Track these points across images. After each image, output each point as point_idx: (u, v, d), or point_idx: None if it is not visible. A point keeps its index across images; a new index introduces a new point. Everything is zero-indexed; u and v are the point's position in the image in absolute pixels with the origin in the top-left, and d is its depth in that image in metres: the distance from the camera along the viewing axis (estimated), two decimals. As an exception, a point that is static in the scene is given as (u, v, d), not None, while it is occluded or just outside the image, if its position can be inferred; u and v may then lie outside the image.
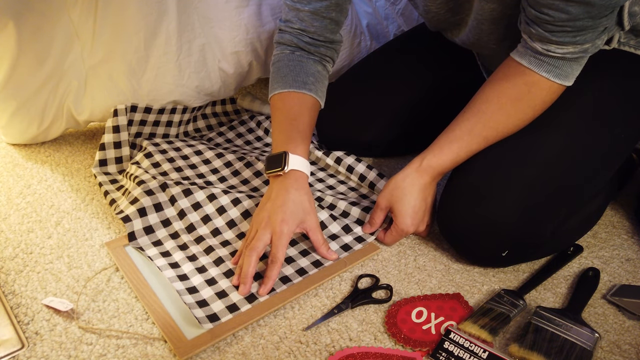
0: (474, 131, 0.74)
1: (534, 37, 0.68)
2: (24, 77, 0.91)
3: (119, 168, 0.96)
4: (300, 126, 0.83)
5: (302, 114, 0.84)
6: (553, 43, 0.66)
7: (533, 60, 0.69)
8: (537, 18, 0.65)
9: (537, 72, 0.69)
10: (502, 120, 0.73)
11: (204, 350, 0.65)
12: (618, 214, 0.93)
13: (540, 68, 0.69)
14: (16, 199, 0.90)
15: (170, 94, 0.99)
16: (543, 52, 0.68)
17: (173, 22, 0.94)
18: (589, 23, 0.63)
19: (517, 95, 0.71)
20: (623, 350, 0.67)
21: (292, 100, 0.85)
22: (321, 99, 0.88)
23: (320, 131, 1.06)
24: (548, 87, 0.70)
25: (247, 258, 0.71)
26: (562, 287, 0.77)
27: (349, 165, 0.97)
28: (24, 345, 0.64)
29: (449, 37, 0.93)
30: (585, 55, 0.68)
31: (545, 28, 0.65)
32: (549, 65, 0.69)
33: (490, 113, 0.73)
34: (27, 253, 0.78)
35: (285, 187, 0.76)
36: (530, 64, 0.70)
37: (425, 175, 0.78)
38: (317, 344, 0.66)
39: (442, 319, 0.69)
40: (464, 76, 1.00)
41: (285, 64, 0.87)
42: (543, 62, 0.69)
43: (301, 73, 0.86)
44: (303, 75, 0.86)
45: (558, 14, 0.62)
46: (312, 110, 0.86)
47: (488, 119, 0.74)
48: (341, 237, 0.82)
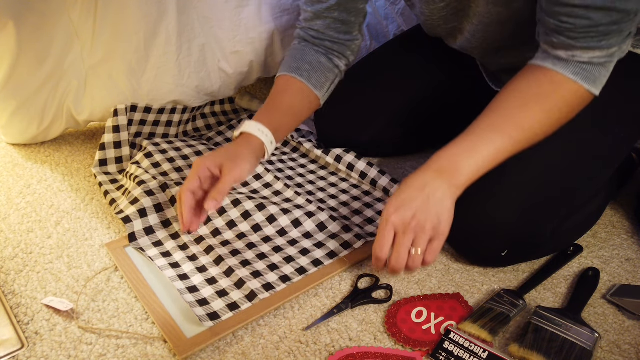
0: (496, 126, 0.67)
1: (557, 47, 0.65)
2: (24, 77, 0.91)
3: (119, 168, 0.96)
4: (276, 103, 0.85)
5: (282, 93, 0.86)
6: (578, 49, 0.63)
7: (558, 62, 0.65)
8: (558, 27, 0.63)
9: (564, 73, 0.65)
10: (527, 119, 0.66)
11: (204, 350, 0.65)
12: (618, 213, 0.93)
13: (566, 70, 0.65)
14: (16, 199, 0.90)
15: (170, 93, 0.99)
16: (568, 58, 0.64)
17: (173, 22, 0.94)
18: (613, 28, 0.61)
19: (542, 93, 0.66)
20: (623, 350, 0.67)
21: (280, 83, 0.88)
22: (315, 87, 0.88)
23: (320, 131, 1.06)
24: (575, 89, 0.65)
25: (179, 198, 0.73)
26: (562, 287, 0.77)
27: (349, 163, 0.97)
28: (23, 345, 0.64)
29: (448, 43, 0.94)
30: (612, 60, 0.65)
31: (568, 36, 0.63)
32: (575, 67, 0.64)
33: (513, 109, 0.67)
34: (27, 253, 0.78)
35: (230, 143, 0.79)
36: (555, 66, 0.65)
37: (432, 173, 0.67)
38: (317, 344, 0.66)
39: (442, 318, 0.69)
40: (464, 76, 1.00)
41: (290, 53, 0.91)
42: (569, 63, 0.65)
43: (298, 60, 0.88)
44: (300, 61, 0.88)
45: (580, 21, 0.60)
46: (298, 93, 0.87)
47: (510, 115, 0.67)
48: (341, 235, 0.82)
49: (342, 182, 0.98)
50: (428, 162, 0.68)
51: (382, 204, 0.92)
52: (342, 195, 0.94)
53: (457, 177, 0.66)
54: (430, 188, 0.65)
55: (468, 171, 0.66)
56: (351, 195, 0.94)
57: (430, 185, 0.65)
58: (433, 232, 0.65)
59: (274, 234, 0.83)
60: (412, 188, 0.66)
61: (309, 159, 1.05)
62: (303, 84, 0.87)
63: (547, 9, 0.64)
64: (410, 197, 0.65)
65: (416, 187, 0.66)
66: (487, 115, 0.68)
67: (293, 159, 1.04)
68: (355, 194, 0.94)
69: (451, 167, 0.66)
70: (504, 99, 0.68)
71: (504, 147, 0.66)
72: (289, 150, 1.07)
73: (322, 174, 1.00)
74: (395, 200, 0.66)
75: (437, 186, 0.65)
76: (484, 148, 0.66)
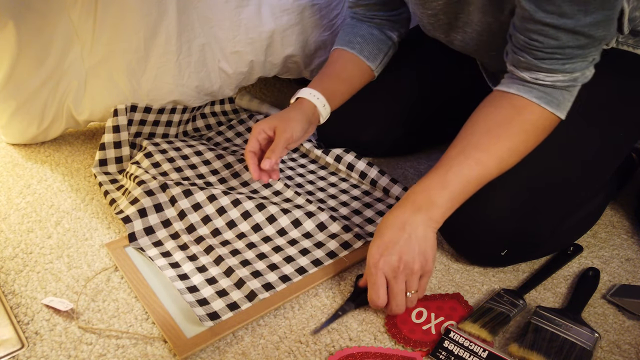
0: (463, 154, 0.67)
1: (521, 66, 0.67)
2: (24, 77, 0.91)
3: (119, 168, 0.96)
4: (327, 71, 0.90)
5: (334, 63, 0.92)
6: (542, 71, 0.65)
7: (521, 88, 0.68)
8: (526, 45, 0.65)
9: (527, 97, 0.67)
10: (493, 144, 0.67)
11: (204, 350, 0.65)
12: (618, 213, 0.93)
13: (530, 94, 0.67)
14: (16, 199, 0.90)
15: (170, 93, 0.99)
16: (531, 80, 0.66)
17: (173, 22, 0.94)
18: (579, 52, 0.63)
19: (504, 118, 0.68)
20: (623, 350, 0.67)
21: (333, 55, 0.94)
22: (368, 59, 0.92)
23: (320, 130, 1.06)
24: (539, 112, 0.67)
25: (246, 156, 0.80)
26: (562, 287, 0.77)
27: (349, 163, 0.97)
28: (23, 345, 0.64)
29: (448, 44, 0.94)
30: (575, 85, 0.67)
31: (534, 55, 0.65)
32: (538, 92, 0.67)
33: (479, 136, 0.68)
34: (26, 253, 0.78)
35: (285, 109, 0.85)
36: (518, 91, 0.67)
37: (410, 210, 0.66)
38: (317, 344, 0.66)
39: (442, 319, 0.69)
40: (464, 76, 1.00)
41: (343, 29, 0.97)
42: (533, 88, 0.67)
43: (350, 34, 0.93)
44: (351, 35, 0.93)
45: (548, 40, 0.62)
46: (349, 63, 0.91)
47: (476, 142, 0.68)
48: (341, 235, 0.82)
49: (342, 182, 0.98)
50: (404, 199, 0.69)
51: (382, 203, 0.92)
52: (342, 195, 0.94)
53: (434, 211, 0.66)
54: (411, 226, 0.65)
55: (443, 204, 0.66)
56: (351, 195, 0.94)
57: (410, 223, 0.65)
58: (422, 270, 0.66)
59: (274, 234, 0.83)
60: (393, 229, 0.66)
61: (309, 159, 1.05)
62: (355, 55, 0.91)
63: (519, 25, 0.65)
64: (392, 240, 0.65)
65: (397, 227, 0.66)
66: (455, 144, 0.69)
67: (293, 159, 1.04)
68: (355, 194, 0.94)
69: (427, 202, 0.66)
70: (470, 126, 0.70)
71: (475, 175, 0.67)
72: (289, 150, 1.07)
73: (322, 174, 1.00)
74: (378, 244, 0.66)
75: (417, 223, 0.65)
76: (454, 179, 0.66)
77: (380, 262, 0.65)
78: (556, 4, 0.59)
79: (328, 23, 1.13)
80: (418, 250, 0.65)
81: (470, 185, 0.67)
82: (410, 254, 0.64)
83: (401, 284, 0.65)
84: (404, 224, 0.66)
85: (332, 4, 1.12)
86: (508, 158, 0.68)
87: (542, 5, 0.60)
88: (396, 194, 0.92)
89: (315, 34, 1.12)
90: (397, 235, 0.65)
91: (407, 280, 0.66)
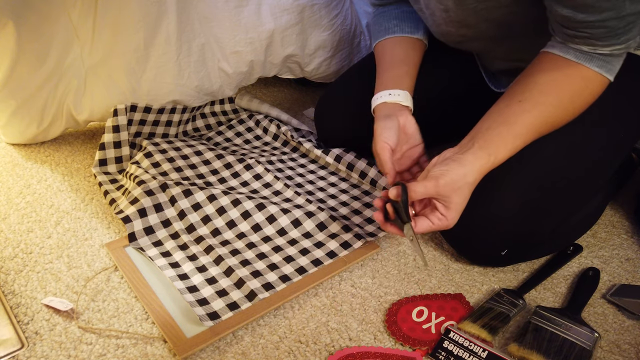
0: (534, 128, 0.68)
1: (578, 43, 0.66)
2: (24, 77, 0.91)
3: (118, 168, 0.96)
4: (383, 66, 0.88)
5: (384, 56, 0.89)
6: (599, 46, 0.65)
7: (580, 55, 0.66)
8: (576, 35, 0.64)
9: (590, 67, 0.66)
10: (560, 117, 0.69)
11: (204, 350, 0.65)
12: (618, 213, 0.93)
13: (591, 63, 0.66)
14: (16, 199, 0.90)
15: (170, 93, 0.99)
16: (590, 51, 0.66)
17: (173, 21, 0.94)
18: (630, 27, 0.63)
19: (576, 90, 0.67)
20: (622, 349, 0.67)
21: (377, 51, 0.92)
22: (411, 32, 0.90)
23: (320, 130, 1.06)
24: (601, 82, 0.67)
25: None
26: (562, 287, 0.77)
27: (348, 163, 0.97)
28: (23, 345, 0.64)
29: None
30: (629, 49, 0.67)
31: (589, 43, 0.65)
32: (599, 61, 0.66)
33: (551, 108, 0.68)
34: (26, 253, 0.78)
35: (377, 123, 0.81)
36: (578, 59, 0.66)
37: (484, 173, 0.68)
38: (317, 344, 0.66)
39: (442, 318, 0.69)
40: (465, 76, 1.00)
41: (374, 22, 0.95)
42: (593, 57, 0.66)
43: (383, 23, 0.92)
44: (385, 23, 0.92)
45: (597, 31, 0.62)
46: (397, 46, 0.89)
47: (549, 115, 0.68)
48: (341, 235, 0.82)
49: (342, 182, 0.98)
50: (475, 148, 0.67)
51: None
52: (342, 195, 0.94)
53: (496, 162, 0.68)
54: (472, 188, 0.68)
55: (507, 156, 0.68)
56: (351, 195, 0.94)
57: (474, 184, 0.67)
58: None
59: (274, 234, 0.83)
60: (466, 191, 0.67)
61: (308, 159, 1.05)
62: (397, 37, 0.89)
63: (563, 23, 0.64)
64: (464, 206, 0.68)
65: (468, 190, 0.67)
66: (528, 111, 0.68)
67: (293, 159, 1.04)
68: (355, 194, 0.94)
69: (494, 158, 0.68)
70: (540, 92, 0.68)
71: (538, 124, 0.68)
72: (288, 150, 1.07)
73: (322, 174, 1.00)
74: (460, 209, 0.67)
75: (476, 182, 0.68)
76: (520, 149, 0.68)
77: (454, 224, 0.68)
78: (595, 5, 0.59)
79: (328, 23, 1.13)
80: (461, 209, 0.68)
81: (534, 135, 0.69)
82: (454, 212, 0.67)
83: None
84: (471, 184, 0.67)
85: (331, 4, 1.12)
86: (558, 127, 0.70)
87: (582, 9, 0.60)
88: None
89: (315, 33, 1.12)
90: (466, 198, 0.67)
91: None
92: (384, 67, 0.88)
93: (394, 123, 0.78)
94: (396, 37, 0.90)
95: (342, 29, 1.16)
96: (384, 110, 0.82)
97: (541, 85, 0.68)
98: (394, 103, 0.82)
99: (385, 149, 0.76)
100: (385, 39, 0.90)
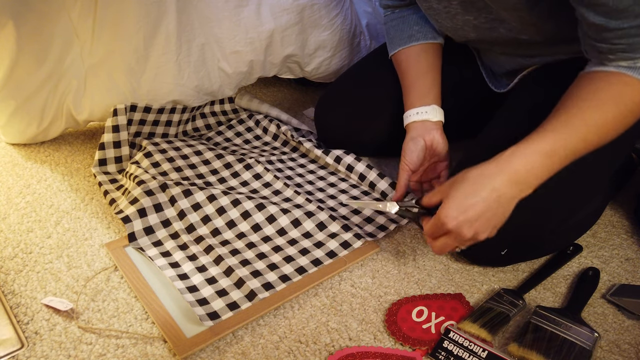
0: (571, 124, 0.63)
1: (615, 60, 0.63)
2: (24, 77, 0.91)
3: (118, 167, 0.96)
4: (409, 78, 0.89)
5: (409, 67, 0.90)
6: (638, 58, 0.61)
7: (622, 68, 0.63)
8: (611, 49, 0.62)
9: (633, 75, 0.62)
10: (601, 119, 0.63)
11: (204, 350, 0.65)
12: (617, 213, 0.93)
13: (635, 72, 0.62)
14: (15, 199, 0.90)
15: (170, 93, 0.99)
16: (630, 65, 0.62)
17: (172, 21, 0.94)
18: None
19: (616, 93, 0.63)
20: (622, 349, 0.67)
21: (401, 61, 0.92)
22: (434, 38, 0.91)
23: (320, 130, 1.06)
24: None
25: None
26: (562, 287, 0.77)
27: (348, 164, 0.97)
28: (23, 344, 0.64)
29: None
30: None
31: (624, 55, 0.62)
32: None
33: (589, 111, 0.63)
34: (26, 253, 0.78)
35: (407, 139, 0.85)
36: (619, 69, 0.63)
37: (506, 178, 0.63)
38: (317, 344, 0.66)
39: (442, 318, 0.69)
40: (464, 76, 1.00)
41: (390, 25, 0.95)
42: (635, 69, 0.62)
43: (404, 29, 0.92)
44: (407, 29, 0.91)
45: (632, 39, 0.59)
46: (422, 55, 0.90)
47: (587, 116, 0.63)
48: (340, 234, 0.82)
49: (341, 182, 0.98)
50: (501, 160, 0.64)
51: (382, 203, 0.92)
52: (341, 195, 0.94)
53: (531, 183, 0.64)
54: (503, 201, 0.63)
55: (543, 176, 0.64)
56: (351, 195, 0.94)
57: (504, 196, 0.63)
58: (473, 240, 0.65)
59: (274, 234, 0.83)
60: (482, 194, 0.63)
61: (308, 159, 1.05)
62: (422, 44, 0.90)
63: (595, 36, 0.62)
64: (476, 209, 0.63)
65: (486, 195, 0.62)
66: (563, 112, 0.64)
67: (293, 159, 1.04)
68: (355, 194, 0.94)
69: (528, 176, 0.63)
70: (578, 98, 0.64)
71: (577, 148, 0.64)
72: (288, 150, 1.07)
73: (322, 174, 1.00)
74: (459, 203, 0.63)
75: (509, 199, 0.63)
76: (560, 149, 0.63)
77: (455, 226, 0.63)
78: (628, 10, 0.57)
79: (328, 22, 1.13)
80: (494, 225, 0.64)
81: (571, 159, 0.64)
82: (485, 231, 0.64)
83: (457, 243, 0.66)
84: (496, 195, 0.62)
85: (331, 4, 1.12)
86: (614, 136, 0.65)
87: (614, 16, 0.58)
88: None
89: (315, 33, 1.12)
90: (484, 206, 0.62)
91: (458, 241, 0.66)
92: (410, 80, 0.89)
93: (418, 145, 0.83)
94: (420, 44, 0.90)
95: (342, 28, 1.16)
96: (412, 131, 0.85)
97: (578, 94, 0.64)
98: (422, 121, 0.85)
99: (404, 170, 0.83)
100: (410, 47, 0.91)
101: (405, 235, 0.86)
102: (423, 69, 0.89)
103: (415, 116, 0.86)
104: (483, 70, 0.97)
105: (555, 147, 0.63)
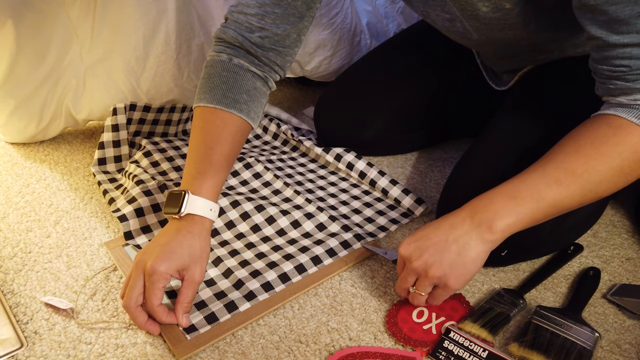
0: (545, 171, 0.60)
1: (615, 93, 0.61)
2: (23, 76, 0.91)
3: (118, 167, 0.96)
4: (216, 157, 0.71)
5: (221, 141, 0.72)
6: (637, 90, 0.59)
7: (620, 108, 0.60)
8: (612, 73, 0.60)
9: (625, 117, 0.59)
10: (580, 163, 0.59)
11: (203, 350, 0.64)
12: (618, 213, 0.93)
13: (629, 114, 0.59)
14: (15, 198, 0.89)
15: (169, 92, 0.99)
16: (630, 103, 0.60)
17: (172, 21, 0.93)
18: None
19: (598, 137, 0.60)
20: (623, 349, 0.67)
21: (215, 121, 0.73)
22: (253, 120, 0.76)
23: (320, 129, 1.06)
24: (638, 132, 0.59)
25: (130, 315, 0.62)
26: (563, 287, 0.77)
27: (349, 163, 0.97)
28: (22, 344, 0.64)
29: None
30: None
31: (625, 80, 0.59)
32: (638, 112, 0.59)
33: (564, 155, 0.60)
34: (25, 252, 0.78)
35: (177, 228, 0.67)
36: (616, 112, 0.60)
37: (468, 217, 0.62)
38: (317, 344, 0.66)
39: (443, 319, 0.69)
40: (464, 75, 1.00)
41: (218, 72, 0.75)
42: (632, 108, 0.59)
43: (234, 88, 0.74)
44: (235, 91, 0.74)
45: (633, 62, 0.58)
46: (237, 135, 0.74)
47: (561, 160, 0.60)
48: (340, 234, 0.82)
49: (341, 181, 0.98)
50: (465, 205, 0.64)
51: (382, 203, 0.92)
52: (341, 194, 0.94)
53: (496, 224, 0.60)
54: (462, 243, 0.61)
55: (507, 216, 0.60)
56: (351, 195, 0.94)
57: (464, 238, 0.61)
58: (437, 280, 0.62)
59: (273, 234, 0.83)
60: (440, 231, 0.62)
61: (308, 158, 1.05)
62: (242, 120, 0.74)
63: (597, 56, 0.61)
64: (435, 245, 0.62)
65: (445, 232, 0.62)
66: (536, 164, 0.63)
67: (293, 158, 1.04)
68: (355, 193, 0.94)
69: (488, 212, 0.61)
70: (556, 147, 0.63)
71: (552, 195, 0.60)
72: (288, 149, 1.07)
73: (322, 173, 1.00)
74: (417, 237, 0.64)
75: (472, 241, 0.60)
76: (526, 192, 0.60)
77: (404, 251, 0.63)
78: (630, 22, 0.55)
79: (328, 21, 1.13)
80: (462, 272, 0.61)
81: (543, 204, 0.59)
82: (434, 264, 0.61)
83: (428, 288, 0.64)
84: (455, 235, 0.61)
85: (331, 3, 1.12)
86: (597, 183, 0.59)
87: (615, 28, 0.57)
88: (395, 195, 0.91)
89: (314, 32, 1.12)
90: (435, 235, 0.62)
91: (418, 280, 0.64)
92: (218, 160, 0.71)
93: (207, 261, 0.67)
94: (240, 119, 0.74)
95: (342, 27, 1.16)
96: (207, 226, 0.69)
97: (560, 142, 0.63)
98: (211, 222, 0.70)
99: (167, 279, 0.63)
100: (231, 113, 0.73)
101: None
102: (233, 155, 0.74)
103: (212, 213, 0.69)
104: (483, 69, 0.97)
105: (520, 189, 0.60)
